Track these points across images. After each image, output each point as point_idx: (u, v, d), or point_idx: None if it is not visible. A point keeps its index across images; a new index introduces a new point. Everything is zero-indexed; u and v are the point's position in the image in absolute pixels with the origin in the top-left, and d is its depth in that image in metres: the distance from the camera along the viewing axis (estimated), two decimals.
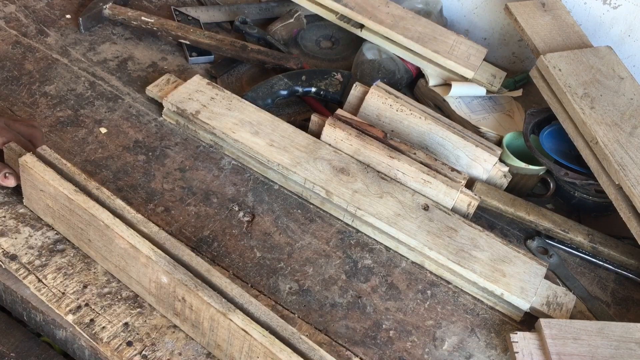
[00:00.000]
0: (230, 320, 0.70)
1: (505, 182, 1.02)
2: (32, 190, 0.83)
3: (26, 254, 0.81)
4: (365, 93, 1.04)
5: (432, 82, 1.16)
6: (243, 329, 0.69)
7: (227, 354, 0.74)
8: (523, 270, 0.88)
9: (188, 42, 1.17)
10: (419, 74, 1.20)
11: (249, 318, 0.70)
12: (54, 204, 0.81)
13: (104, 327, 0.76)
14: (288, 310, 0.83)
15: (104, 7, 1.18)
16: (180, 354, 0.76)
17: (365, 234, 0.94)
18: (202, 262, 0.75)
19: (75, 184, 0.79)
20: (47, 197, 0.81)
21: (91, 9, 1.18)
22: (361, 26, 1.19)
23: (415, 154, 0.97)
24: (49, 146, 0.83)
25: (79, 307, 0.78)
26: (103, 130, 0.99)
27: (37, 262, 0.81)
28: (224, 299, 0.71)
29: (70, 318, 0.76)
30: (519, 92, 1.19)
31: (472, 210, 0.96)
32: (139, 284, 0.78)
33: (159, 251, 0.74)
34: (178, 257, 0.75)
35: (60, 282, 0.79)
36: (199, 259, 0.75)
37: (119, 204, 0.79)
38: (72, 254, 0.83)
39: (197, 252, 0.87)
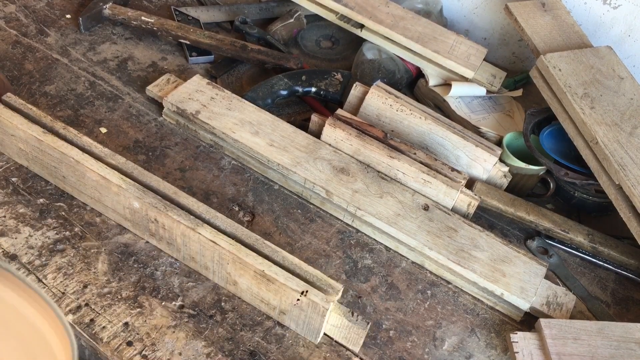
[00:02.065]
0: (200, 234, 0.78)
1: (505, 182, 1.02)
2: (4, 136, 0.89)
3: (26, 253, 0.81)
4: (365, 93, 1.04)
5: (432, 82, 1.16)
6: (211, 240, 0.77)
7: (201, 265, 0.82)
8: (523, 270, 0.88)
9: (188, 42, 1.17)
10: (419, 74, 1.20)
11: (215, 230, 0.78)
12: (26, 147, 0.87)
13: (104, 327, 0.76)
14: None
15: (104, 7, 1.18)
16: (180, 354, 0.76)
17: (365, 234, 0.94)
18: (170, 185, 0.83)
19: (43, 126, 0.87)
20: (18, 141, 0.87)
21: (91, 9, 1.18)
22: (361, 26, 1.19)
23: (415, 154, 0.97)
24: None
25: (79, 307, 0.78)
26: (103, 130, 1.00)
27: (37, 262, 0.81)
28: (191, 216, 0.79)
29: (70, 318, 0.76)
30: (519, 92, 1.19)
31: (472, 210, 0.96)
32: (114, 212, 0.85)
33: (128, 180, 0.82)
34: (146, 183, 0.82)
35: (61, 282, 0.79)
36: (166, 184, 0.83)
37: (86, 140, 0.86)
38: (72, 254, 0.83)
39: None
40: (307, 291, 0.74)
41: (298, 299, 0.74)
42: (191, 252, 0.82)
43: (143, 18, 1.17)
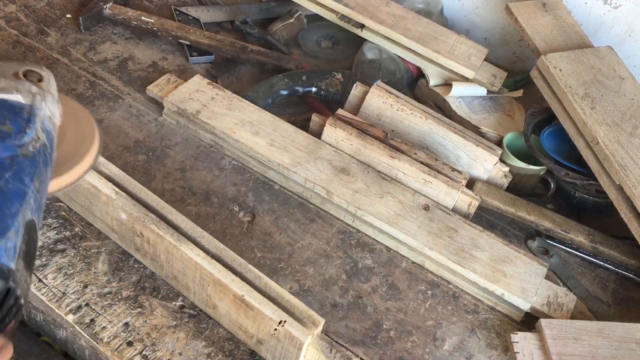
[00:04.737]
0: (183, 251, 0.75)
1: (505, 182, 1.02)
2: None
3: None
4: (365, 93, 1.04)
5: (432, 82, 1.16)
6: (194, 259, 0.74)
7: (183, 284, 0.80)
8: (524, 271, 0.88)
9: (188, 43, 1.17)
10: (420, 74, 1.20)
11: (200, 250, 0.76)
12: None
13: (104, 327, 0.76)
14: None
15: (105, 6, 1.18)
16: (180, 354, 0.76)
17: (366, 234, 0.94)
18: (158, 199, 0.81)
19: None
20: None
21: (91, 9, 1.18)
22: (362, 26, 1.18)
23: (415, 153, 0.97)
24: None
25: (79, 307, 0.78)
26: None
27: (38, 262, 0.81)
28: (176, 232, 0.77)
29: (70, 318, 0.76)
30: (519, 92, 1.19)
31: (472, 210, 0.96)
32: (102, 222, 0.84)
33: (118, 190, 0.80)
34: (136, 195, 0.81)
35: (61, 282, 0.79)
36: (155, 197, 0.81)
37: None
38: (72, 254, 0.83)
39: None
40: (285, 321, 0.70)
41: (275, 329, 0.71)
42: (174, 271, 0.79)
43: (143, 18, 1.17)
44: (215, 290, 0.75)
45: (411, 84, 1.21)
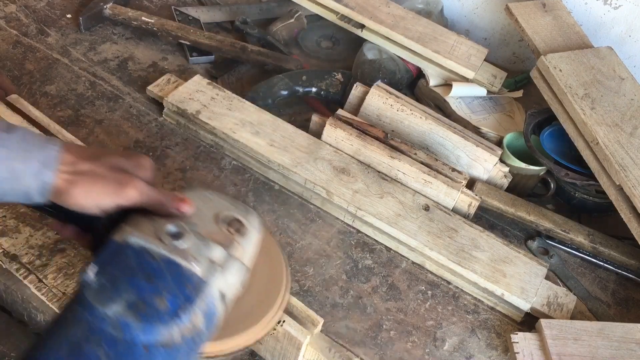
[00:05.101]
0: None
1: (505, 182, 1.02)
2: None
3: (27, 253, 0.81)
4: (365, 93, 1.04)
5: (432, 83, 1.16)
6: None
7: None
8: (523, 271, 0.88)
9: (188, 43, 1.17)
10: (420, 74, 1.20)
11: None
12: None
13: None
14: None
15: (105, 7, 1.18)
16: None
17: (366, 234, 0.94)
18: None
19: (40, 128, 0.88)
20: None
21: (92, 9, 1.18)
22: (362, 26, 1.18)
23: (415, 154, 0.97)
24: None
25: None
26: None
27: (38, 262, 0.81)
28: None
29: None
30: (519, 93, 1.19)
31: (472, 211, 0.96)
32: None
33: None
34: None
35: (61, 282, 0.79)
36: None
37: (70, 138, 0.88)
38: (72, 254, 0.83)
39: None
40: (283, 321, 0.71)
41: (274, 329, 0.71)
42: None
43: (143, 18, 1.17)
44: None
45: (411, 84, 1.21)
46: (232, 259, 0.53)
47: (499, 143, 1.08)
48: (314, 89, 1.10)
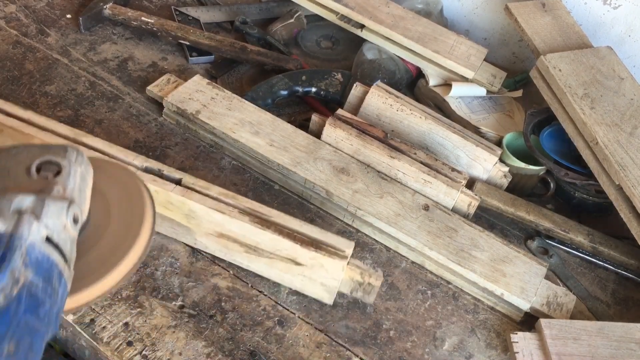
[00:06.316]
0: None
1: (505, 182, 1.02)
2: None
3: None
4: (365, 93, 1.04)
5: (432, 82, 1.16)
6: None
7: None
8: (523, 271, 0.88)
9: (188, 43, 1.17)
10: (419, 74, 1.20)
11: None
12: None
13: (104, 327, 0.76)
14: (288, 310, 0.83)
15: (104, 7, 1.18)
16: (180, 354, 0.76)
17: (366, 234, 0.94)
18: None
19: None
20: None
21: (91, 9, 1.18)
22: (361, 26, 1.19)
23: (415, 153, 0.97)
24: None
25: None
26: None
27: None
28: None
29: (70, 318, 0.76)
30: (519, 93, 1.19)
31: (472, 210, 0.96)
32: None
33: None
34: None
35: None
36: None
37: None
38: None
39: (196, 254, 0.87)
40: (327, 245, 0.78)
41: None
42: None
43: (143, 18, 1.17)
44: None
45: (411, 84, 1.21)
46: (47, 200, 0.51)
47: (498, 143, 1.08)
48: (313, 89, 1.10)
